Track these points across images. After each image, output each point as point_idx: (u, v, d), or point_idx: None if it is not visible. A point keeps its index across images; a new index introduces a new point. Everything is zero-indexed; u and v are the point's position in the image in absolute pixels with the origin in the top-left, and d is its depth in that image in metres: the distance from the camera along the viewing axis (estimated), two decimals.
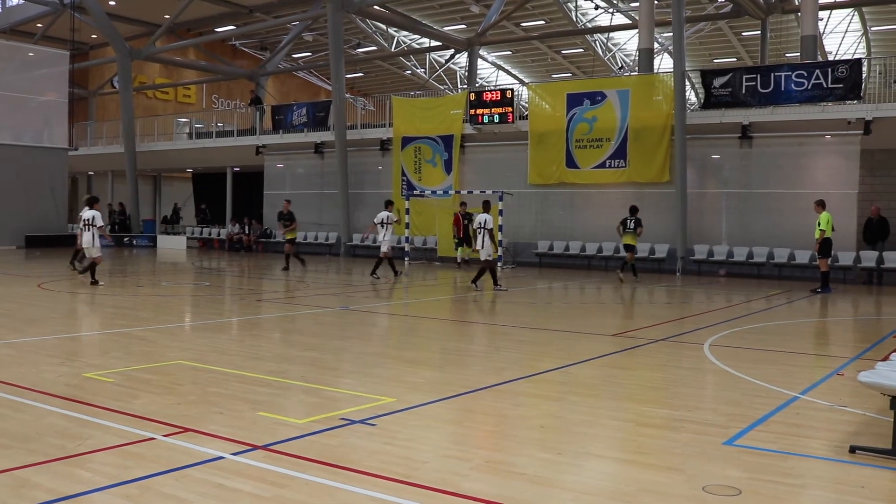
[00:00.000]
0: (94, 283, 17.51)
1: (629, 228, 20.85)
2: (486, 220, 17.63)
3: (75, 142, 39.57)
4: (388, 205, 22.15)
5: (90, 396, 7.00)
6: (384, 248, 20.99)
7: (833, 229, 18.58)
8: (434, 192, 28.51)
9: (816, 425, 6.50)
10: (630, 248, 21.14)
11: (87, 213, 17.89)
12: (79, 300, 15.71)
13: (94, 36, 43.62)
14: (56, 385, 7.44)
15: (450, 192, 28.30)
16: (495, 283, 18.01)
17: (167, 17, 38.45)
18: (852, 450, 5.66)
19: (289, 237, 23.50)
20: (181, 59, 45.78)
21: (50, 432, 5.88)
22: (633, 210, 21.18)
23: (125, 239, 37.94)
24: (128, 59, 36.88)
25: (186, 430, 5.98)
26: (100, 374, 8.01)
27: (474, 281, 18.11)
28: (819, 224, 18.37)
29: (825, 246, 18.54)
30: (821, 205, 18.55)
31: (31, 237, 33.24)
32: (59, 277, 20.04)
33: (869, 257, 22.32)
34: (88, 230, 17.72)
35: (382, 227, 21.09)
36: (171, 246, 36.51)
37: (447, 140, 29.36)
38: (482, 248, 17.74)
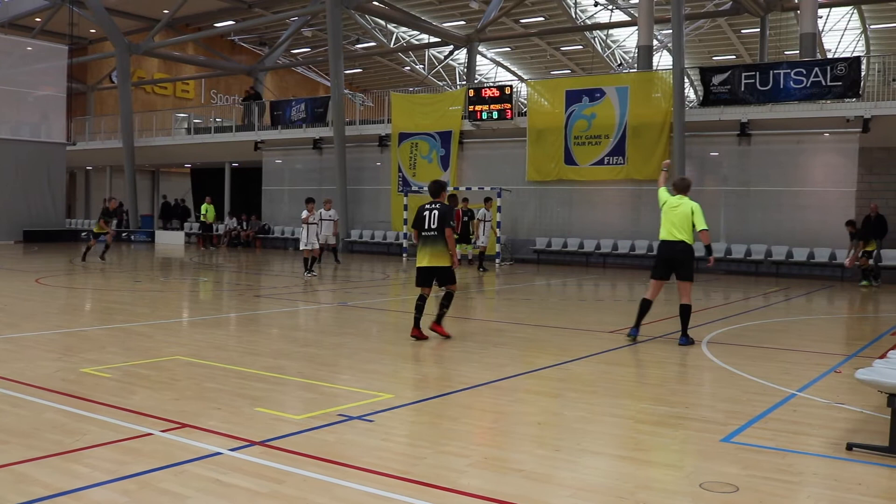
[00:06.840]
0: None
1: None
2: None
3: (73, 136, 39.53)
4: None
5: (88, 392, 6.99)
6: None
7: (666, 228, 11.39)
8: None
9: (814, 422, 6.50)
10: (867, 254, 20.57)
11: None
12: (76, 296, 15.70)
13: (92, 31, 43.56)
14: (54, 380, 7.44)
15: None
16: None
17: (166, 11, 38.34)
18: (849, 447, 5.67)
19: (106, 231, 23.38)
20: (180, 55, 45.68)
21: (48, 427, 5.88)
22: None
23: (123, 234, 37.91)
24: (126, 53, 36.78)
25: (184, 425, 5.98)
26: (97, 369, 8.01)
27: None
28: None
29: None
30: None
31: (29, 232, 33.19)
32: (56, 272, 20.02)
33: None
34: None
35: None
36: (170, 241, 36.49)
37: (445, 136, 29.31)
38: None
